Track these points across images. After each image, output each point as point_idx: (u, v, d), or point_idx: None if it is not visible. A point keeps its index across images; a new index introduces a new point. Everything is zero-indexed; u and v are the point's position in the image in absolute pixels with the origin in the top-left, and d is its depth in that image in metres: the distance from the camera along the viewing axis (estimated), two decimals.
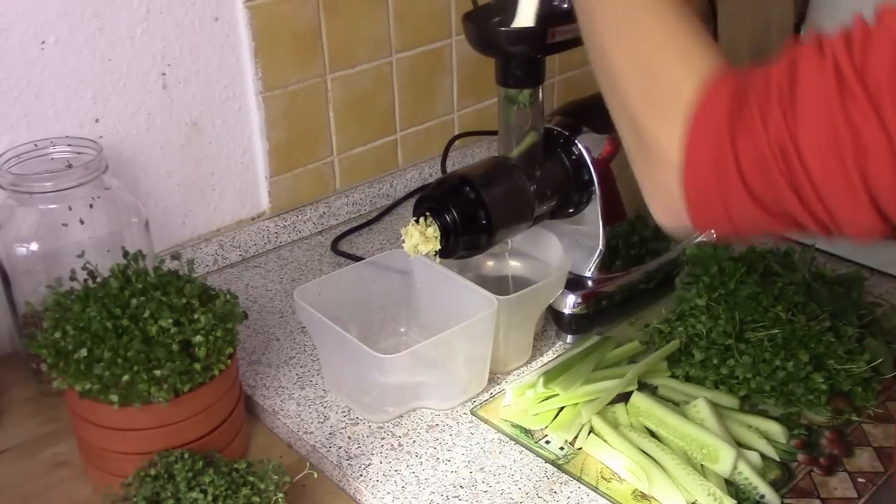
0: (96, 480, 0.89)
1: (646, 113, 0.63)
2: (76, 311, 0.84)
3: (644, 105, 0.64)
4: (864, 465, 0.89)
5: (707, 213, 0.61)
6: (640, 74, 0.64)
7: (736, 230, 0.62)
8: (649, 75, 0.63)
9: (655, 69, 0.63)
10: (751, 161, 0.57)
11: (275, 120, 1.26)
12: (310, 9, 1.25)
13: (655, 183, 0.64)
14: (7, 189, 0.96)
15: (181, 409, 0.84)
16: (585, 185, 1.04)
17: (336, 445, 0.93)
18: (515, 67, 0.97)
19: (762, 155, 0.56)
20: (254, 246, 1.29)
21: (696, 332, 0.99)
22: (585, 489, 0.87)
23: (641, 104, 0.64)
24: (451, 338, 0.93)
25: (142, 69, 1.12)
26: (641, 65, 0.64)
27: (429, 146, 1.46)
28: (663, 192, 0.63)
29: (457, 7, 1.40)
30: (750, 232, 0.63)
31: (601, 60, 0.67)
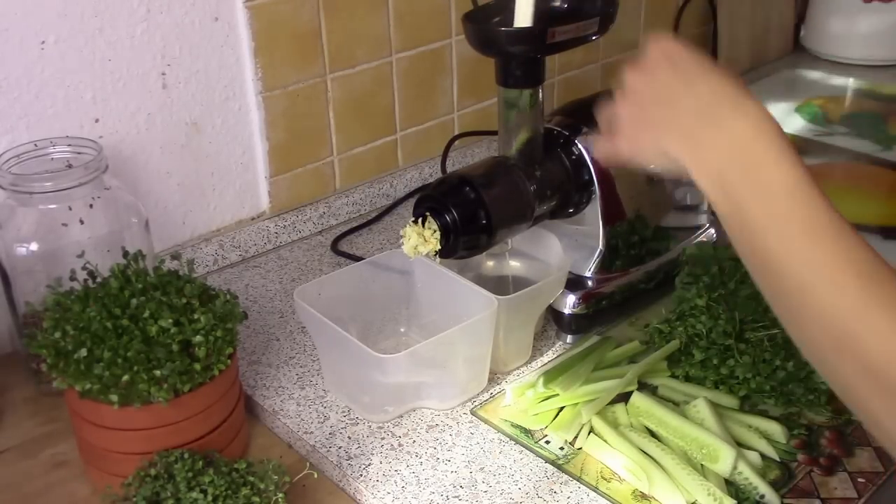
0: (96, 480, 0.89)
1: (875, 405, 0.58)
2: (76, 311, 0.84)
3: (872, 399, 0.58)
4: (864, 465, 0.89)
5: None
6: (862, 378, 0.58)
7: None
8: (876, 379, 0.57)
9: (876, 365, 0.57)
10: None
11: (275, 120, 1.26)
12: (310, 9, 1.25)
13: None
14: (7, 189, 0.96)
15: (181, 409, 0.84)
16: (585, 185, 1.04)
17: (336, 445, 0.93)
18: (515, 67, 0.97)
19: None
20: (254, 246, 1.29)
21: (696, 332, 0.99)
22: (585, 489, 0.87)
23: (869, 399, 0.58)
24: (451, 338, 0.93)
25: (142, 69, 1.12)
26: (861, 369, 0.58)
27: (429, 146, 1.46)
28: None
29: (457, 7, 1.41)
30: None
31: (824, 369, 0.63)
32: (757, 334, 0.96)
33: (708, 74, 0.71)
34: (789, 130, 1.65)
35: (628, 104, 0.74)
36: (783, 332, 0.95)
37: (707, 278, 1.02)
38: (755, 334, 0.96)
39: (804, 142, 1.60)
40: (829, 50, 1.95)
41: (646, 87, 0.73)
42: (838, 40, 1.94)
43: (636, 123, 0.74)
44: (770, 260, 0.63)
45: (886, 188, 1.46)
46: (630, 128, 0.74)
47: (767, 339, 0.95)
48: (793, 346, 0.94)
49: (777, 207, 0.63)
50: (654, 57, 0.73)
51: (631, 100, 0.74)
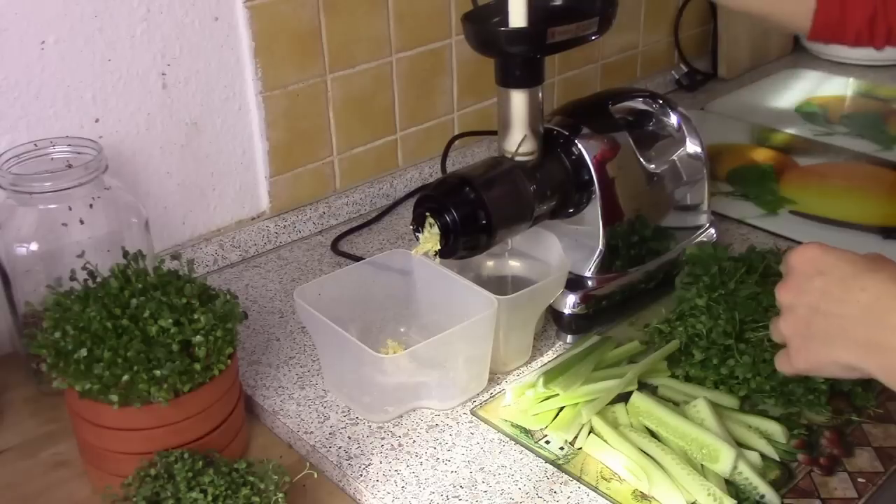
0: (96, 480, 0.89)
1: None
2: (76, 311, 0.84)
3: None
4: (864, 465, 0.89)
5: None
6: None
7: None
8: None
9: None
10: None
11: (275, 120, 1.26)
12: (310, 9, 1.25)
13: None
14: (7, 189, 0.96)
15: (181, 409, 0.84)
16: (585, 185, 1.04)
17: (336, 445, 0.93)
18: (515, 67, 0.97)
19: None
20: (254, 246, 1.29)
21: (696, 333, 0.99)
22: (585, 489, 0.87)
23: None
24: (451, 338, 0.93)
25: (142, 69, 1.12)
26: None
27: (429, 146, 1.46)
28: None
29: (457, 7, 1.41)
30: None
31: None
32: (757, 334, 0.96)
33: (861, 276, 0.69)
34: (789, 130, 1.65)
35: (791, 324, 0.74)
36: None
37: (707, 278, 1.02)
38: (755, 334, 0.96)
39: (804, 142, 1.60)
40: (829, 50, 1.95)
41: (802, 303, 0.73)
42: None
43: (805, 341, 0.73)
44: None
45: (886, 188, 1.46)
46: (801, 346, 0.73)
47: (767, 339, 0.95)
48: None
49: None
50: (802, 270, 0.73)
51: (792, 320, 0.74)
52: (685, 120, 1.15)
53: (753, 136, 1.65)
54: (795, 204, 1.38)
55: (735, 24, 1.87)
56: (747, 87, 1.85)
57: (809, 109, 1.74)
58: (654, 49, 1.81)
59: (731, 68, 1.88)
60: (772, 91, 1.82)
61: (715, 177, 1.42)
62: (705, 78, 1.88)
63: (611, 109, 1.11)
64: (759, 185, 1.45)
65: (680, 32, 1.84)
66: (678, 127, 1.15)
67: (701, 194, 1.17)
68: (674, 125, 1.15)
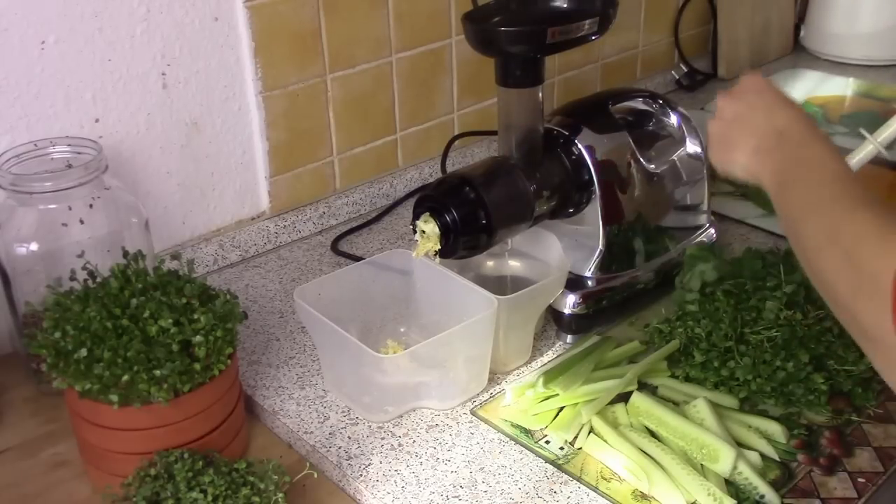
0: (96, 480, 0.89)
1: (858, 304, 0.67)
2: (76, 311, 0.84)
3: (856, 298, 0.67)
4: (864, 465, 0.89)
5: None
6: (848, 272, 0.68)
7: None
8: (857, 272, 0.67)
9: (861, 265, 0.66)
10: None
11: (275, 120, 1.26)
12: (310, 9, 1.25)
13: (885, 365, 0.67)
14: (7, 189, 0.96)
15: (181, 409, 0.84)
16: (585, 185, 1.04)
17: (336, 445, 0.93)
18: (515, 67, 0.97)
19: None
20: (254, 246, 1.29)
21: (695, 334, 0.99)
22: (585, 489, 0.87)
23: (853, 298, 0.67)
24: (451, 338, 0.93)
25: (142, 69, 1.12)
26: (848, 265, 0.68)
27: (429, 146, 1.46)
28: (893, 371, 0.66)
29: (457, 7, 1.41)
30: None
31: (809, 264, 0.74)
32: (757, 336, 0.96)
33: (787, 108, 0.82)
34: None
35: (717, 124, 0.87)
36: (783, 333, 0.95)
37: (708, 279, 1.02)
38: (755, 336, 0.96)
39: None
40: (829, 50, 1.95)
41: (731, 109, 0.86)
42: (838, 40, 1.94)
43: (721, 140, 0.87)
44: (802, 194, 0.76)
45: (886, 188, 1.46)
46: (717, 144, 0.88)
47: (767, 339, 0.95)
48: (793, 346, 0.95)
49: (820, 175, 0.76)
50: (744, 86, 0.86)
51: (719, 120, 0.87)
52: (685, 120, 1.14)
53: None
54: None
55: (735, 24, 1.87)
56: None
57: (809, 109, 1.73)
58: (654, 49, 1.81)
59: (731, 68, 1.88)
60: None
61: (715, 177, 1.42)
62: (705, 78, 1.88)
63: (611, 109, 1.11)
64: None
65: (680, 32, 1.84)
66: (678, 127, 1.15)
67: (701, 194, 1.17)
68: (674, 125, 1.15)
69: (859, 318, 0.67)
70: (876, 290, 0.64)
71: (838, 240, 0.69)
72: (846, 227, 0.69)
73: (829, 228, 0.71)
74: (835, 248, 0.69)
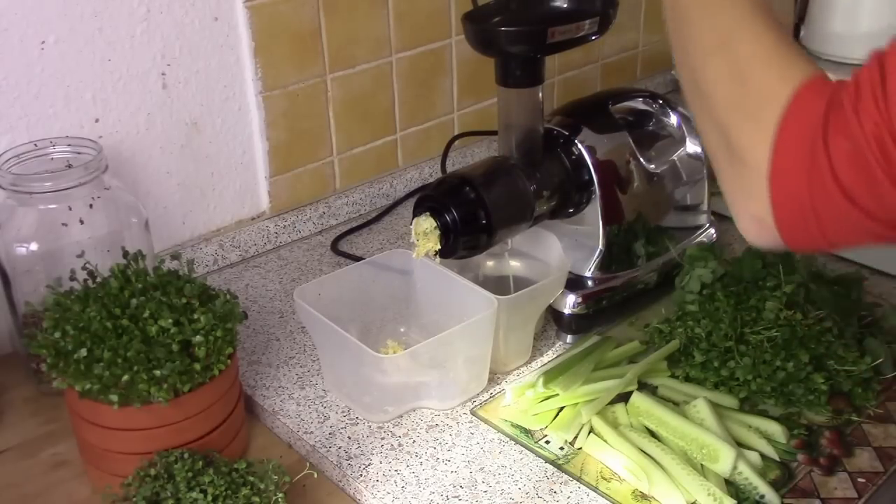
0: (96, 480, 0.89)
1: (736, 120, 0.63)
2: (76, 311, 0.84)
3: (735, 113, 0.63)
4: (864, 465, 0.89)
5: (796, 220, 0.60)
6: (734, 83, 0.64)
7: (827, 238, 0.60)
8: (743, 84, 0.63)
9: (749, 78, 0.63)
10: (845, 159, 0.55)
11: (275, 120, 1.26)
12: (310, 9, 1.25)
13: (744, 191, 0.63)
14: (7, 189, 0.96)
15: (181, 409, 0.84)
16: (585, 185, 1.04)
17: (336, 445, 0.93)
18: (515, 67, 0.97)
19: (858, 150, 0.55)
20: (254, 246, 1.29)
21: (695, 334, 0.99)
22: (585, 489, 0.87)
23: (733, 112, 0.64)
24: (451, 338, 0.93)
25: (142, 69, 1.12)
26: (735, 75, 0.64)
27: (429, 146, 1.46)
28: (752, 200, 0.62)
29: (457, 7, 1.40)
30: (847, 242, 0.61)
31: (692, 71, 0.68)
32: (757, 336, 0.96)
33: None
34: None
35: None
36: (783, 333, 0.95)
37: (707, 279, 1.02)
38: (755, 336, 0.96)
39: None
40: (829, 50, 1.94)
41: None
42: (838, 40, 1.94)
43: None
44: None
45: None
46: None
47: (767, 339, 0.95)
48: (793, 346, 0.95)
49: None
50: None
51: None
52: (685, 120, 1.14)
53: None
54: None
55: None
56: None
57: None
58: (654, 49, 1.81)
59: None
60: None
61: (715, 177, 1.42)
62: None
63: (611, 109, 1.11)
64: None
65: None
66: (678, 127, 1.15)
67: (701, 194, 1.17)
68: (674, 125, 1.15)
69: (731, 133, 0.63)
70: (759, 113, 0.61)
71: (729, 49, 0.65)
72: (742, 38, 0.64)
73: (723, 35, 0.66)
74: (723, 57, 0.65)
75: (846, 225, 0.58)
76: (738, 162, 0.63)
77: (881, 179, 0.54)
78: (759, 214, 0.61)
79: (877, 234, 0.58)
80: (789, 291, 0.99)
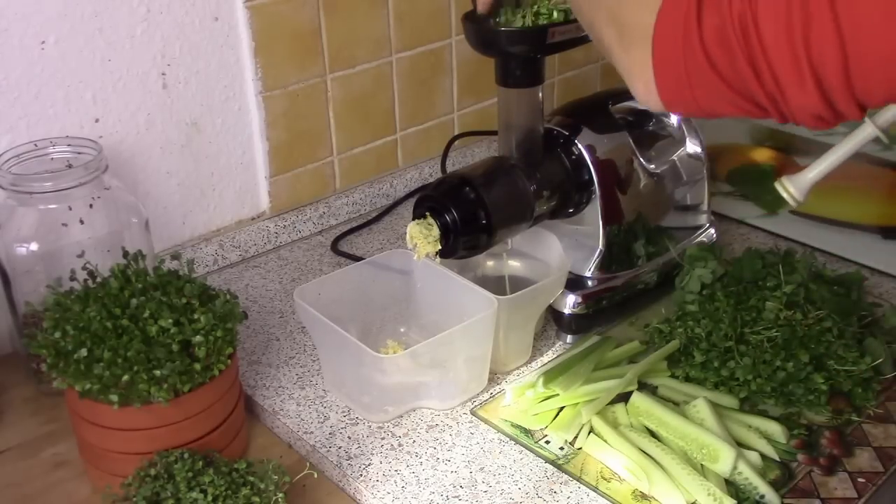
0: (96, 480, 0.89)
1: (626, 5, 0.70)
2: (76, 311, 0.84)
3: (618, 47, 0.70)
4: (864, 465, 0.89)
5: (672, 85, 0.66)
6: (612, 27, 0.71)
7: (698, 103, 0.66)
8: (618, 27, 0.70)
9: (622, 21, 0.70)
10: (713, 33, 0.61)
11: (275, 120, 1.26)
12: (310, 9, 1.25)
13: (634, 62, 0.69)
14: (7, 189, 0.96)
15: (181, 409, 0.84)
16: (585, 185, 1.04)
17: (336, 445, 0.93)
18: (515, 67, 0.97)
19: (724, 27, 0.60)
20: (254, 246, 1.29)
21: (695, 334, 0.99)
22: (585, 489, 0.87)
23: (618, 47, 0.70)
24: (451, 338, 0.93)
25: (142, 69, 1.12)
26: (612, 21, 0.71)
27: (429, 146, 1.46)
28: (641, 68, 0.68)
29: (457, 7, 1.40)
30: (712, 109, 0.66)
31: (590, 28, 0.75)
32: (757, 336, 0.96)
33: None
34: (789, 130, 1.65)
35: None
36: (783, 333, 0.95)
37: (707, 279, 1.02)
38: (755, 336, 0.96)
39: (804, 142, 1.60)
40: None
41: None
42: None
43: None
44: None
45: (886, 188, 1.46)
46: None
47: (767, 339, 0.95)
48: (793, 346, 0.95)
49: None
50: None
51: None
52: (685, 120, 1.15)
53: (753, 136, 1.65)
54: None
55: None
56: None
57: None
58: None
59: None
60: None
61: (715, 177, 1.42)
62: None
63: (611, 109, 1.11)
64: (759, 185, 1.44)
65: None
66: (678, 127, 1.15)
67: (701, 194, 1.17)
68: (674, 125, 1.15)
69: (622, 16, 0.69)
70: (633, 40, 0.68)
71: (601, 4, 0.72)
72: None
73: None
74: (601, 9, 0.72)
75: (712, 92, 0.64)
76: (628, 41, 0.69)
77: (739, 56, 0.60)
78: (645, 78, 0.68)
79: (736, 105, 0.64)
80: (789, 291, 0.99)
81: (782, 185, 0.91)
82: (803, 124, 0.62)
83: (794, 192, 0.91)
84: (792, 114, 0.61)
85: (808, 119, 0.61)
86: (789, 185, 0.91)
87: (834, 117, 0.60)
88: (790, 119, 0.62)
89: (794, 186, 0.91)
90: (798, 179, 0.92)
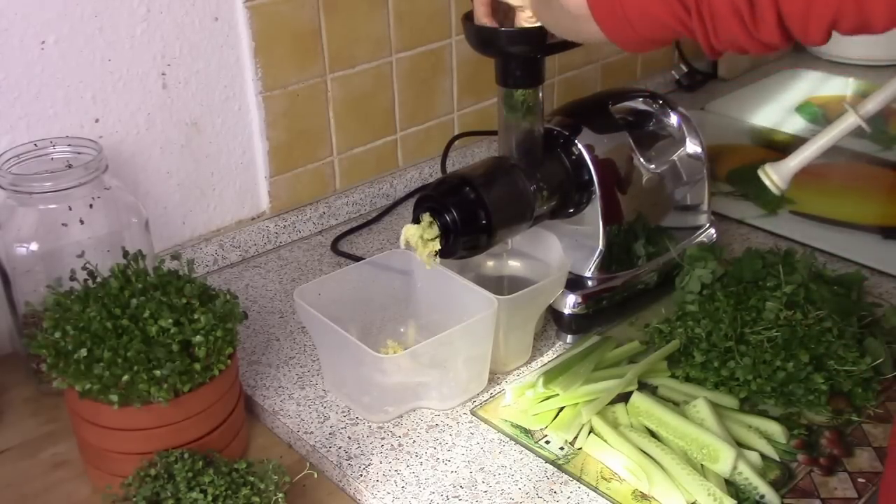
0: (96, 480, 0.89)
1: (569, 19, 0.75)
2: (76, 311, 0.84)
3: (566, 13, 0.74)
4: (864, 465, 0.89)
5: (609, 17, 0.70)
6: None
7: (633, 27, 0.69)
8: None
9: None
10: None
11: (275, 120, 1.26)
12: (310, 9, 1.25)
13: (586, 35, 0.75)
14: (7, 189, 0.96)
15: (181, 409, 0.84)
16: (585, 185, 1.04)
17: (336, 445, 0.93)
18: (515, 67, 0.97)
19: None
20: (254, 246, 1.29)
21: (695, 334, 0.99)
22: (585, 489, 0.87)
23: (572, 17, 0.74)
24: (451, 338, 0.93)
25: (142, 69, 1.12)
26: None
27: (429, 146, 1.46)
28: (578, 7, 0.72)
29: (457, 7, 1.41)
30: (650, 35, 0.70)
31: None
32: (757, 336, 0.96)
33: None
34: (789, 130, 1.65)
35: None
36: (783, 333, 0.95)
37: (707, 279, 1.02)
38: (755, 336, 0.96)
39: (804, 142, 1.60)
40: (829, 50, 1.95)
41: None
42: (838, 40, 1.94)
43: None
44: None
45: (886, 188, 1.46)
46: None
47: (767, 339, 0.95)
48: (793, 346, 0.95)
49: None
50: None
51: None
52: (685, 120, 1.15)
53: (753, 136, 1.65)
54: (795, 204, 1.38)
55: None
56: (747, 87, 1.84)
57: (809, 109, 1.73)
58: None
59: (730, 68, 1.88)
60: (772, 91, 1.82)
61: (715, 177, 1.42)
62: (705, 78, 1.88)
63: (611, 109, 1.11)
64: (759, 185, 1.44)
65: None
66: (678, 127, 1.15)
67: (701, 194, 1.17)
68: (674, 125, 1.15)
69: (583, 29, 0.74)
70: None
71: None
72: None
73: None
74: None
75: (648, 21, 0.68)
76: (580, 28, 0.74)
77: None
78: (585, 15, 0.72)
79: (671, 28, 0.68)
80: (789, 291, 0.99)
81: (765, 173, 0.92)
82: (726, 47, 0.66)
83: (776, 180, 0.91)
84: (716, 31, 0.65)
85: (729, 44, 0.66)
86: (772, 172, 0.92)
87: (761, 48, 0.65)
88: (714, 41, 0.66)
89: (776, 174, 0.91)
90: (781, 167, 0.92)
